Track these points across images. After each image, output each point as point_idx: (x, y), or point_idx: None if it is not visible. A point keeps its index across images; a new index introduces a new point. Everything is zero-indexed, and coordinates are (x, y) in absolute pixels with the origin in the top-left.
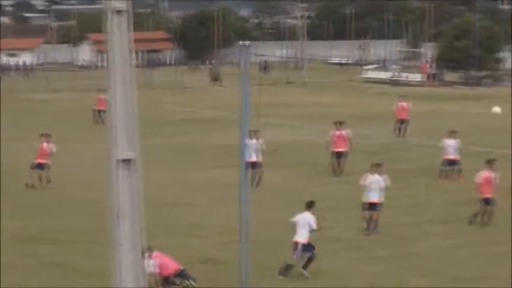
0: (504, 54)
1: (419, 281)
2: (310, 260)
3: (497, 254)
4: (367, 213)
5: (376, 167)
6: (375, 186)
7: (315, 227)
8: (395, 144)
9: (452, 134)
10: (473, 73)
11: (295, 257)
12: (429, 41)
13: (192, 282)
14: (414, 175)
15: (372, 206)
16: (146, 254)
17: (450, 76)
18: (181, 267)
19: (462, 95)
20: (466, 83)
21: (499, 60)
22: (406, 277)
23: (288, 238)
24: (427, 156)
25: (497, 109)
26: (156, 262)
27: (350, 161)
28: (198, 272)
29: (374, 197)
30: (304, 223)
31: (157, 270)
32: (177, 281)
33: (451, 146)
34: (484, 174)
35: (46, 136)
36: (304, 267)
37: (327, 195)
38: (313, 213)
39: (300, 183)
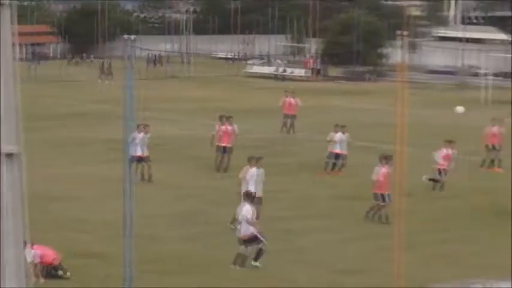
0: (387, 50)
1: (303, 274)
2: (260, 251)
3: (381, 248)
4: None
5: (255, 161)
6: (254, 179)
7: (250, 217)
8: (280, 139)
9: (340, 128)
10: (357, 68)
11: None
12: (313, 36)
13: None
14: (299, 169)
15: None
16: (28, 245)
17: (334, 71)
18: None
19: (346, 90)
20: (349, 78)
21: (382, 56)
22: (291, 271)
23: (170, 232)
24: (312, 151)
25: (460, 109)
26: (37, 253)
27: (235, 155)
28: (80, 266)
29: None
30: (244, 216)
31: (38, 260)
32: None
33: (338, 140)
34: (382, 170)
35: None
36: (256, 258)
37: (211, 190)
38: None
39: (185, 178)
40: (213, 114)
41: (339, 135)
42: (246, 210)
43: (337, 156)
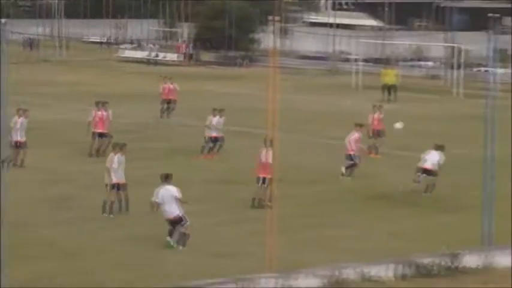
0: (259, 35)
1: (177, 258)
2: (184, 236)
3: (254, 232)
4: (114, 194)
5: (119, 148)
6: (119, 166)
7: (179, 195)
8: (154, 123)
9: (218, 112)
10: (229, 53)
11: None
12: (186, 21)
13: None
14: (171, 154)
15: (120, 187)
16: None
17: (206, 56)
18: None
19: (218, 74)
20: (222, 63)
21: (254, 41)
22: (163, 254)
23: (42, 217)
24: (185, 136)
25: (398, 125)
26: None
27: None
28: None
29: (120, 178)
30: (171, 198)
31: None
32: None
33: (215, 124)
34: (265, 153)
35: None
36: (183, 243)
37: (84, 175)
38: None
39: (58, 163)
40: (85, 99)
41: (216, 119)
42: (173, 190)
43: (214, 139)
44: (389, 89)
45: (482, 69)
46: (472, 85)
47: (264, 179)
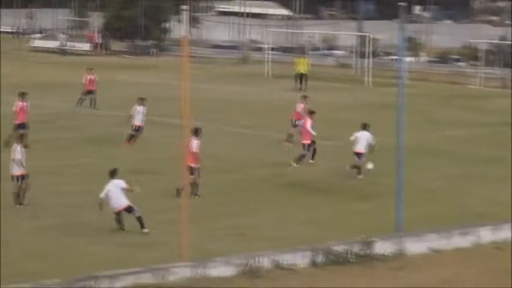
0: (171, 24)
1: (90, 248)
2: (139, 219)
3: (167, 221)
4: (19, 184)
5: (20, 139)
6: (22, 157)
7: (126, 186)
8: (67, 113)
9: (141, 101)
10: (141, 42)
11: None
12: (96, 10)
13: None
14: (84, 144)
15: (19, 178)
16: None
17: (118, 45)
18: None
19: (130, 64)
20: (133, 52)
21: (166, 30)
22: (76, 245)
23: None
24: (97, 125)
25: (370, 165)
26: None
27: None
28: None
29: (17, 170)
30: (118, 190)
31: None
32: None
33: (141, 113)
34: (194, 143)
35: None
36: (142, 226)
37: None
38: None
39: None
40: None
41: (141, 108)
42: (119, 182)
43: (138, 128)
44: (301, 77)
45: (391, 57)
46: (381, 73)
47: (191, 168)
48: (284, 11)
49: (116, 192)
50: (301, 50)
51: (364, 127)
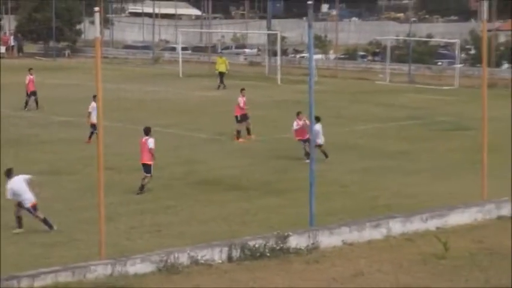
0: (84, 26)
1: (7, 249)
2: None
3: (82, 220)
4: None
5: None
6: None
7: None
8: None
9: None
10: (55, 44)
11: None
12: (8, 13)
13: None
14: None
15: None
16: None
17: (32, 48)
18: None
19: (44, 66)
20: (48, 54)
21: (79, 32)
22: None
23: None
24: (15, 127)
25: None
26: None
27: None
28: None
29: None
30: (23, 185)
31: None
32: None
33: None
34: (151, 141)
35: None
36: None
37: None
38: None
39: None
40: None
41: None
42: (23, 177)
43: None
44: (221, 76)
45: (301, 55)
46: (291, 71)
47: (145, 165)
48: (195, 11)
49: (23, 187)
50: (212, 50)
51: (318, 120)
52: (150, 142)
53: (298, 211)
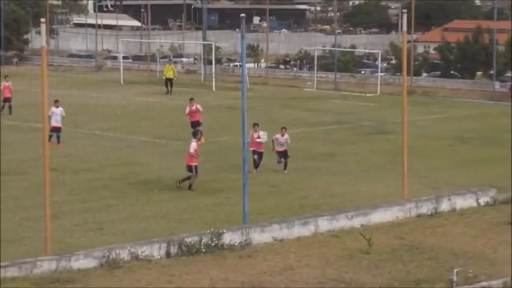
0: (31, 36)
1: None
2: None
3: (28, 218)
4: None
5: None
6: None
7: None
8: None
9: (57, 103)
10: (2, 53)
11: None
12: None
13: None
14: None
15: None
16: None
17: None
18: None
19: None
20: None
21: (26, 41)
22: None
23: None
24: None
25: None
26: None
27: None
28: None
29: None
30: None
31: None
32: None
33: (57, 115)
34: (193, 144)
35: None
36: None
37: None
38: None
39: None
40: None
41: (56, 110)
42: None
43: (53, 129)
44: (170, 82)
45: (234, 64)
46: (225, 79)
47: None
48: (135, 23)
49: None
50: (151, 58)
51: (283, 129)
52: (191, 146)
53: (232, 209)
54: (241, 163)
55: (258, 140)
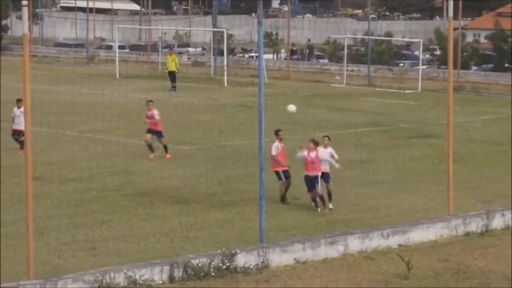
0: (9, 21)
1: None
2: None
3: (6, 235)
4: None
5: None
6: None
7: None
8: None
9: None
10: None
11: None
12: None
13: None
14: None
15: None
16: None
17: None
18: None
19: None
20: None
21: (4, 28)
22: None
23: None
24: None
25: (292, 107)
26: None
27: None
28: None
29: None
30: None
31: None
32: None
33: (19, 116)
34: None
35: None
36: None
37: None
38: None
39: None
40: None
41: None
42: None
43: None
44: (173, 76)
45: (248, 55)
46: (239, 72)
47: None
48: (133, 6)
49: None
50: (152, 48)
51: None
52: (273, 148)
53: (246, 226)
54: (257, 171)
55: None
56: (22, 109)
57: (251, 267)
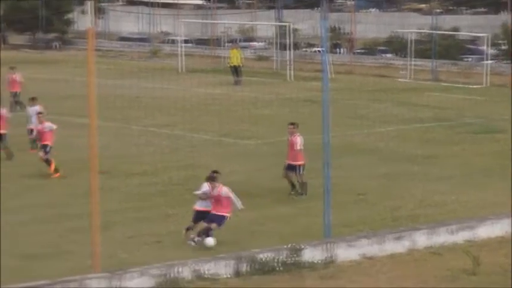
0: (75, 16)
1: None
2: None
3: (72, 229)
4: None
5: None
6: None
7: None
8: None
9: (33, 101)
10: (43, 35)
11: None
12: None
13: None
14: None
15: None
16: None
17: (17, 39)
18: None
19: (32, 59)
20: (35, 46)
21: (69, 22)
22: None
23: None
24: None
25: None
26: None
27: None
28: None
29: None
30: None
31: None
32: None
33: (33, 115)
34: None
35: None
36: None
37: None
38: None
39: None
40: None
41: (33, 109)
42: None
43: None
44: (235, 70)
45: (314, 49)
46: (303, 66)
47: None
48: (198, 0)
49: None
50: (217, 42)
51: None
52: (297, 141)
53: (311, 221)
54: (322, 166)
55: None
56: (36, 108)
57: (317, 262)
